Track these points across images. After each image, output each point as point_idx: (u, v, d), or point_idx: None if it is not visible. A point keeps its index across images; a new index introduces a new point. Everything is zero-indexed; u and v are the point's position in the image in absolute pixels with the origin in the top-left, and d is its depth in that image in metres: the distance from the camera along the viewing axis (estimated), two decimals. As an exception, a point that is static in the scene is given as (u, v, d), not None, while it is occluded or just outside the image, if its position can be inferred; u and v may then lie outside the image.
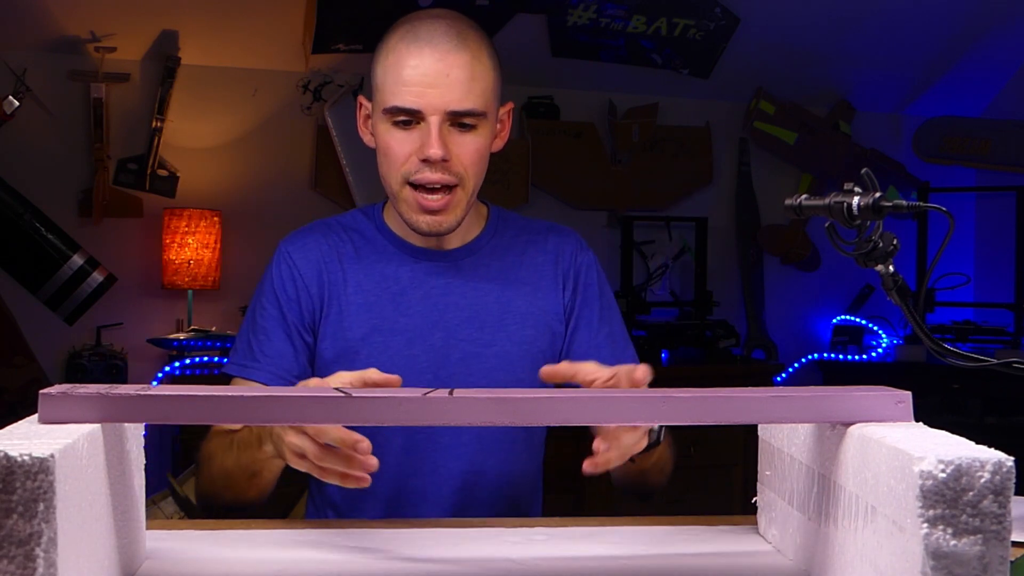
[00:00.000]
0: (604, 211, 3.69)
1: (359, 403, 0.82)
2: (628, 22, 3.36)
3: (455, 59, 1.25)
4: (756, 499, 1.08)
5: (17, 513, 0.64)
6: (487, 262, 1.38)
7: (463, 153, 1.28)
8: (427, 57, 1.25)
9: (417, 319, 1.33)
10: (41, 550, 0.65)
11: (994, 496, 0.69)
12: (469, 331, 1.34)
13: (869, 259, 1.01)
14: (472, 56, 1.27)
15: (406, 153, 1.27)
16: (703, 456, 3.14)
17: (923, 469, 0.69)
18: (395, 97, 1.26)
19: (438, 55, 1.25)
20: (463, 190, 1.29)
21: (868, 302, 3.83)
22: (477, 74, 1.27)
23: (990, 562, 0.68)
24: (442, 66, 1.25)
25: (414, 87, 1.25)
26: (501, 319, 1.35)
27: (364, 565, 0.95)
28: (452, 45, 1.26)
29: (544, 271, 1.40)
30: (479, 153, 1.30)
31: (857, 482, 0.79)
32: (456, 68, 1.25)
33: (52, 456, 0.65)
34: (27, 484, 0.65)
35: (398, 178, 1.28)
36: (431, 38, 1.26)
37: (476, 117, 1.27)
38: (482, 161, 1.31)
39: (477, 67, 1.27)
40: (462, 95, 1.25)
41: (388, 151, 1.29)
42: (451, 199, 1.28)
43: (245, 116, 3.32)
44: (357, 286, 1.34)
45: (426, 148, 1.25)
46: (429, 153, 1.25)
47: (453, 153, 1.26)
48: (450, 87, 1.25)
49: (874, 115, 3.92)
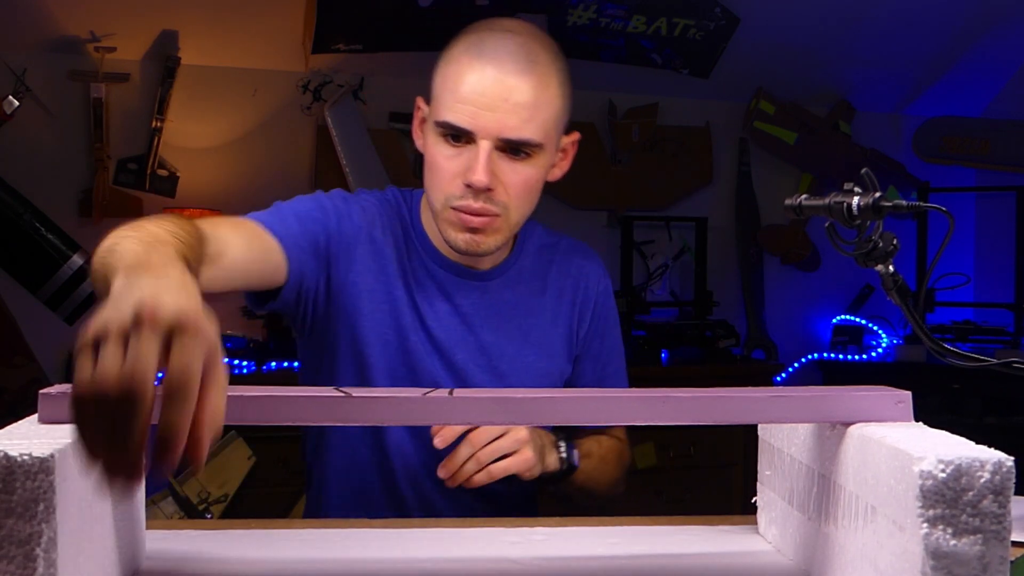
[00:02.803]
0: (604, 211, 3.69)
1: (359, 403, 0.82)
2: (628, 22, 3.36)
3: (518, 83, 1.16)
4: (756, 499, 1.08)
5: (17, 513, 0.64)
6: (513, 284, 1.34)
7: (511, 183, 1.20)
8: (488, 76, 1.16)
9: (442, 335, 1.29)
10: (41, 550, 0.65)
11: (994, 496, 0.69)
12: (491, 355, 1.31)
13: (869, 259, 1.01)
14: (538, 82, 1.18)
15: (452, 173, 1.20)
16: (703, 456, 3.14)
17: (923, 469, 0.69)
18: (448, 112, 1.18)
19: (500, 76, 1.16)
20: (505, 220, 1.23)
21: (868, 302, 3.83)
22: (540, 102, 1.18)
23: (990, 562, 0.68)
24: (502, 89, 1.16)
25: (469, 106, 1.17)
26: (522, 348, 1.33)
27: (364, 565, 0.95)
28: (518, 67, 1.17)
29: (564, 298, 1.37)
30: (527, 184, 1.22)
31: (857, 482, 0.79)
32: (517, 93, 1.16)
33: (52, 456, 0.65)
34: (27, 484, 0.65)
35: (441, 198, 1.22)
36: (496, 55, 1.17)
37: (531, 148, 1.20)
38: (530, 193, 1.24)
39: (542, 95, 1.18)
40: (519, 123, 1.17)
41: (434, 166, 1.22)
42: (492, 223, 1.22)
43: (245, 116, 3.32)
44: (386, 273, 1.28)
45: (471, 173, 1.18)
46: (473, 179, 1.17)
47: (500, 182, 1.19)
48: (508, 113, 1.16)
49: (874, 115, 3.92)
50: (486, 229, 1.22)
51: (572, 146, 1.30)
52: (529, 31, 1.22)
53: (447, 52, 1.22)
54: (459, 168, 1.19)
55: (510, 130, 1.17)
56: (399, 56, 3.27)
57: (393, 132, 3.41)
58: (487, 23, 1.23)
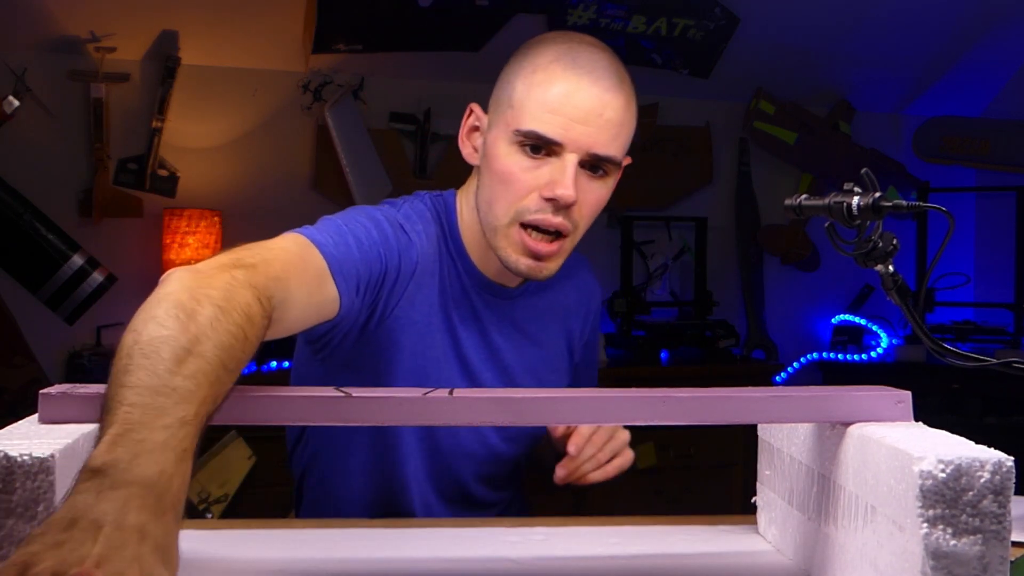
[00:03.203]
0: (604, 211, 3.69)
1: (359, 403, 0.82)
2: (628, 22, 3.36)
3: (612, 99, 1.14)
4: (756, 499, 1.08)
5: (17, 513, 0.64)
6: (535, 301, 1.32)
7: (587, 201, 1.17)
8: (585, 90, 1.12)
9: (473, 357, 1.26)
10: (41, 550, 0.64)
11: (994, 496, 0.69)
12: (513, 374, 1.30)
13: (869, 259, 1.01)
14: (626, 100, 1.16)
15: (530, 186, 1.14)
16: (703, 456, 3.14)
17: (923, 469, 0.69)
18: (537, 121, 1.12)
19: (598, 91, 1.13)
20: (571, 241, 1.19)
21: (868, 302, 3.83)
22: (626, 121, 1.16)
23: (990, 562, 0.68)
24: (598, 103, 1.13)
25: (561, 117, 1.12)
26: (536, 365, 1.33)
27: (364, 565, 0.95)
28: (613, 83, 1.14)
29: (570, 309, 1.38)
30: (599, 204, 1.19)
31: (857, 482, 0.79)
32: (611, 110, 1.13)
33: (52, 456, 0.65)
34: (27, 484, 0.65)
35: (510, 213, 1.15)
36: (593, 69, 1.14)
37: (612, 165, 1.17)
38: (597, 214, 1.21)
39: (627, 113, 1.16)
40: (609, 140, 1.14)
41: (509, 179, 1.14)
42: (559, 247, 1.17)
43: (245, 116, 3.32)
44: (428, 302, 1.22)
45: (557, 187, 1.12)
46: (559, 193, 1.12)
47: (578, 199, 1.15)
48: (600, 128, 1.13)
49: (874, 115, 3.92)
50: (552, 256, 1.17)
51: (621, 169, 1.24)
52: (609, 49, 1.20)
53: (531, 60, 1.16)
54: (539, 181, 1.14)
55: (601, 146, 1.14)
56: (399, 56, 3.27)
57: (393, 132, 3.41)
58: (569, 35, 1.19)
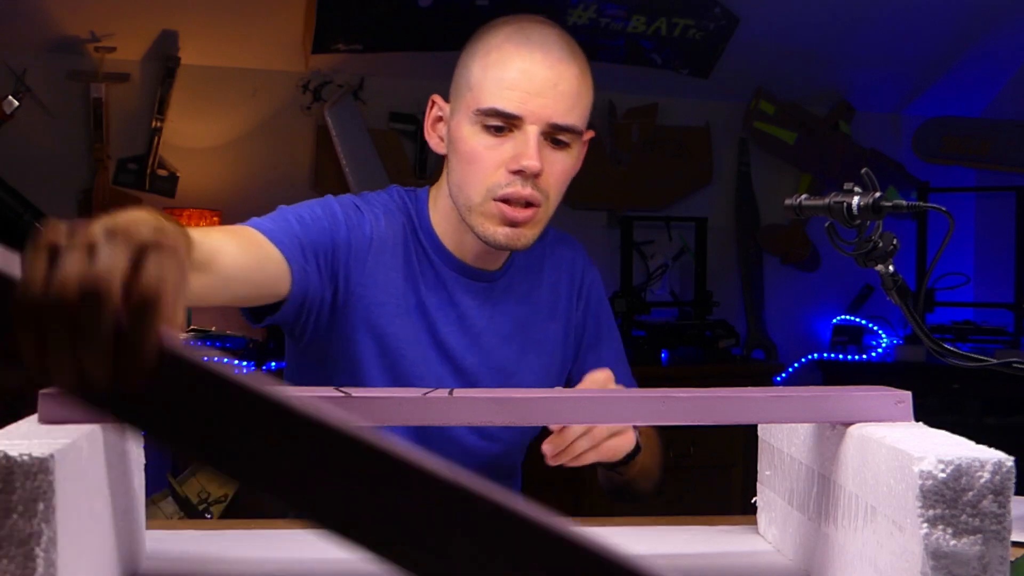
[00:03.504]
0: (604, 211, 3.69)
1: (359, 403, 0.82)
2: (628, 22, 3.36)
3: (566, 70, 1.17)
4: (756, 499, 1.08)
5: (17, 513, 0.64)
6: (516, 284, 1.33)
7: (553, 172, 1.19)
8: (538, 63, 1.16)
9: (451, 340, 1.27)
10: (41, 550, 0.64)
11: (994, 496, 0.69)
12: (498, 358, 1.30)
13: (869, 259, 1.01)
14: (580, 71, 1.20)
15: (495, 163, 1.17)
16: (703, 456, 3.13)
17: (923, 469, 0.69)
18: (495, 99, 1.16)
19: (550, 62, 1.16)
20: (544, 211, 1.21)
21: (868, 302, 3.83)
22: (582, 91, 1.20)
23: (990, 562, 0.68)
24: (552, 74, 1.16)
25: (518, 91, 1.15)
26: (526, 345, 1.33)
27: (364, 565, 0.95)
28: (564, 55, 1.18)
29: (559, 290, 1.37)
30: (566, 174, 1.22)
31: (857, 482, 0.79)
32: (565, 80, 1.17)
33: (52, 456, 0.65)
34: (27, 484, 0.65)
35: (481, 191, 1.18)
36: (544, 43, 1.18)
37: (572, 135, 1.20)
38: (565, 185, 1.23)
39: (583, 84, 1.20)
40: (566, 109, 1.17)
41: (474, 158, 1.18)
42: (534, 214, 1.20)
43: (245, 116, 3.32)
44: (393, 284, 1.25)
45: (522, 158, 1.15)
46: (525, 164, 1.15)
47: (545, 170, 1.17)
48: (557, 98, 1.16)
49: (874, 115, 3.92)
50: (527, 222, 1.20)
51: (585, 144, 1.28)
52: (559, 25, 1.23)
53: (482, 42, 1.20)
54: (504, 156, 1.17)
55: (559, 115, 1.17)
56: (399, 56, 3.27)
57: (393, 132, 3.41)
58: (518, 17, 1.23)
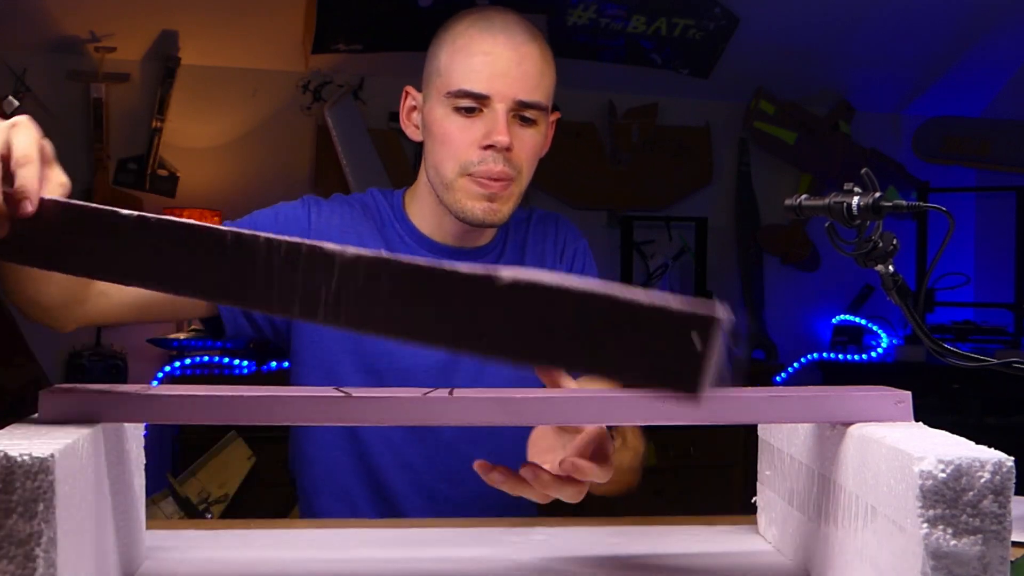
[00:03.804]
0: (604, 211, 3.69)
1: (358, 403, 0.82)
2: (628, 22, 3.36)
3: (528, 51, 1.24)
4: (756, 499, 1.08)
5: (17, 513, 0.64)
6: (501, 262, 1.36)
7: (523, 147, 1.25)
8: (501, 45, 1.23)
9: None
10: (41, 550, 0.64)
11: (994, 496, 0.69)
12: None
13: (869, 259, 1.01)
14: (541, 51, 1.27)
15: (467, 142, 1.23)
16: (703, 456, 3.14)
17: (923, 469, 0.69)
18: (464, 80, 1.23)
19: (513, 44, 1.24)
20: (518, 185, 1.27)
21: (868, 302, 3.83)
22: (545, 70, 1.27)
23: (990, 562, 0.68)
24: (516, 55, 1.23)
25: (485, 72, 1.22)
26: None
27: (364, 565, 0.95)
28: (525, 38, 1.25)
29: (544, 263, 1.40)
30: (535, 151, 1.28)
31: (857, 482, 0.79)
32: (528, 60, 1.24)
33: (52, 456, 0.65)
34: (27, 484, 0.65)
35: (456, 168, 1.24)
36: (506, 27, 1.25)
37: (539, 112, 1.26)
38: (536, 160, 1.29)
39: (546, 64, 1.27)
40: (531, 87, 1.24)
41: (447, 138, 1.24)
42: (508, 188, 1.25)
43: (245, 116, 3.32)
44: None
45: (493, 134, 1.22)
46: (496, 139, 1.22)
47: (515, 146, 1.24)
48: (521, 77, 1.23)
49: (874, 115, 3.92)
50: (503, 195, 1.25)
51: (554, 124, 1.35)
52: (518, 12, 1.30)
53: (448, 31, 1.27)
54: (475, 135, 1.23)
55: (525, 92, 1.23)
56: (399, 56, 3.26)
57: (393, 132, 3.41)
58: (481, 7, 1.31)
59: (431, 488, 1.31)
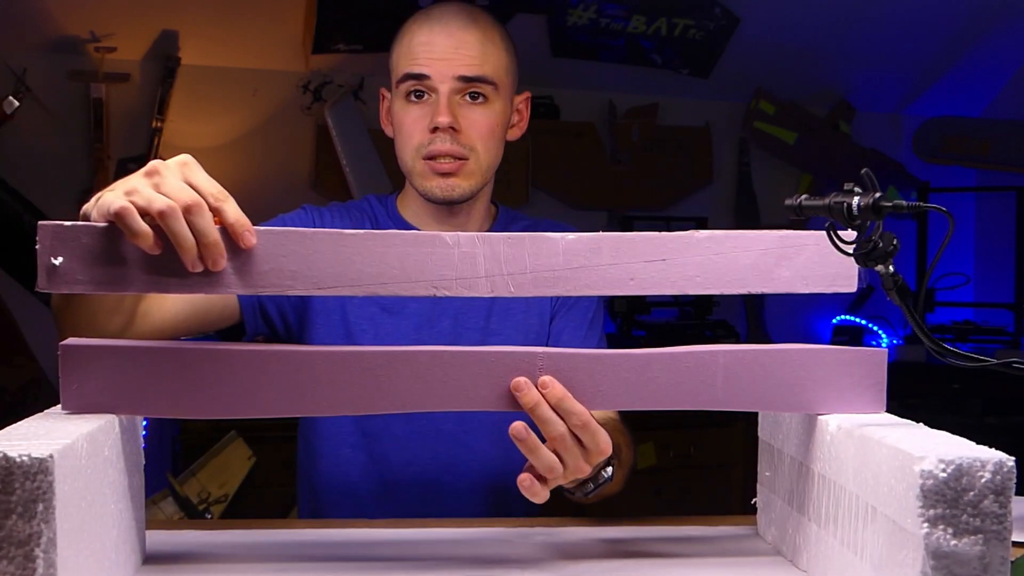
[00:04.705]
0: (604, 211, 3.69)
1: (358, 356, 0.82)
2: (628, 22, 3.36)
3: (465, 36, 1.29)
4: (756, 499, 1.08)
5: (16, 513, 0.64)
6: None
7: (472, 126, 1.29)
8: (438, 34, 1.29)
9: (426, 304, 1.34)
10: (41, 550, 0.64)
11: (995, 496, 0.69)
12: (476, 319, 1.35)
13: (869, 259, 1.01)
14: (482, 35, 1.30)
15: (419, 127, 1.29)
16: (703, 456, 3.14)
17: (924, 469, 0.69)
18: (407, 65, 1.29)
19: (448, 31, 1.29)
20: (475, 163, 1.31)
21: (868, 302, 3.83)
22: (488, 50, 1.30)
23: (990, 562, 0.68)
24: (452, 41, 1.28)
25: (423, 54, 1.28)
26: (507, 308, 1.37)
27: (364, 565, 0.95)
28: (462, 24, 1.30)
29: None
30: (489, 128, 1.31)
31: (857, 482, 0.79)
32: (466, 45, 1.29)
33: (51, 456, 0.65)
34: (26, 484, 0.65)
35: (412, 152, 1.30)
36: (442, 18, 1.30)
37: (486, 86, 1.29)
38: (493, 138, 1.32)
39: (488, 45, 1.31)
40: (472, 63, 1.28)
41: (402, 126, 1.31)
42: (462, 166, 1.30)
43: (245, 116, 3.32)
44: None
45: (435, 116, 1.27)
46: (437, 120, 1.27)
47: (463, 125, 1.29)
48: (459, 58, 1.28)
49: (874, 115, 3.91)
50: (458, 172, 1.30)
51: (525, 105, 1.39)
52: (470, 5, 1.36)
53: (400, 33, 1.34)
54: (424, 120, 1.29)
55: (465, 68, 1.28)
56: (399, 56, 3.26)
57: (393, 132, 3.41)
58: (432, 5, 1.36)
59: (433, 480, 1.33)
